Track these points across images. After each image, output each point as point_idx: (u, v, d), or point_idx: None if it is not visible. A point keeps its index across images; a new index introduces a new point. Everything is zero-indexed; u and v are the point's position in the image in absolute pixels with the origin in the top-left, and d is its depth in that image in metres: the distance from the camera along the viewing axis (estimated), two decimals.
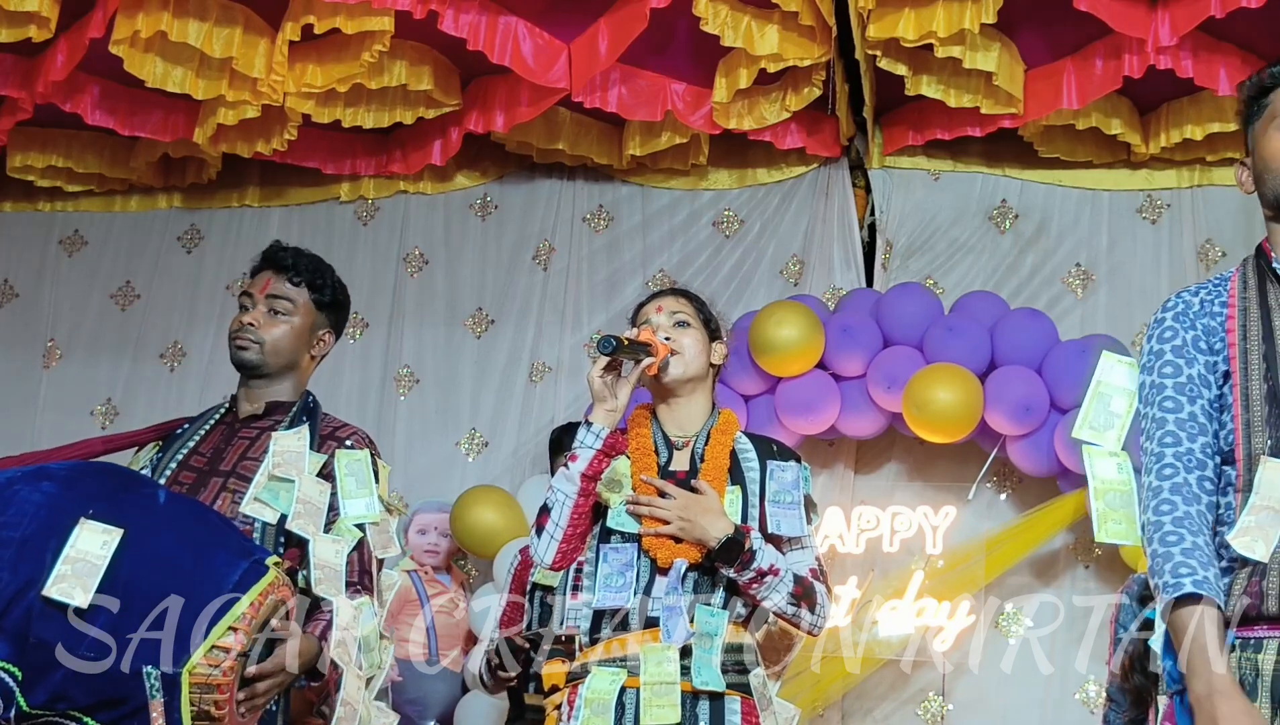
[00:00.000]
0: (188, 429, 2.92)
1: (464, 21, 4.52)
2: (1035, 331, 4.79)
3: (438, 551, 5.02)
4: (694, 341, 2.77)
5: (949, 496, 5.03)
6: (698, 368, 2.77)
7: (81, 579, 2.19)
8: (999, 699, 4.94)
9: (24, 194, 5.94)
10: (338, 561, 2.72)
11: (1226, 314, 2.17)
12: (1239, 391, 2.10)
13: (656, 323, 2.78)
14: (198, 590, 2.26)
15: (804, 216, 5.49)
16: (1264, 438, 2.05)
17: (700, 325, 2.81)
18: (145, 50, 4.57)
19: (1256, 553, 1.99)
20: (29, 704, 2.18)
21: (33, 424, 5.78)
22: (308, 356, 2.97)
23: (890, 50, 4.66)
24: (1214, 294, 2.22)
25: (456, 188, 5.79)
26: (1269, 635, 1.99)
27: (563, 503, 2.65)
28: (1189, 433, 2.13)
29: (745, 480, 2.72)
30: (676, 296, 2.86)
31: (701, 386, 2.80)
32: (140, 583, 2.24)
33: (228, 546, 2.37)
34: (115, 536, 2.24)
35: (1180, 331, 2.19)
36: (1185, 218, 5.28)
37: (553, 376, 5.52)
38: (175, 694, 2.20)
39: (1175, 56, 4.46)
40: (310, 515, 2.73)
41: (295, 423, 2.86)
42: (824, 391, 4.84)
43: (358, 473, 2.84)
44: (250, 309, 2.91)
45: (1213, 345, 2.16)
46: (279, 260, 2.95)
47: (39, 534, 2.23)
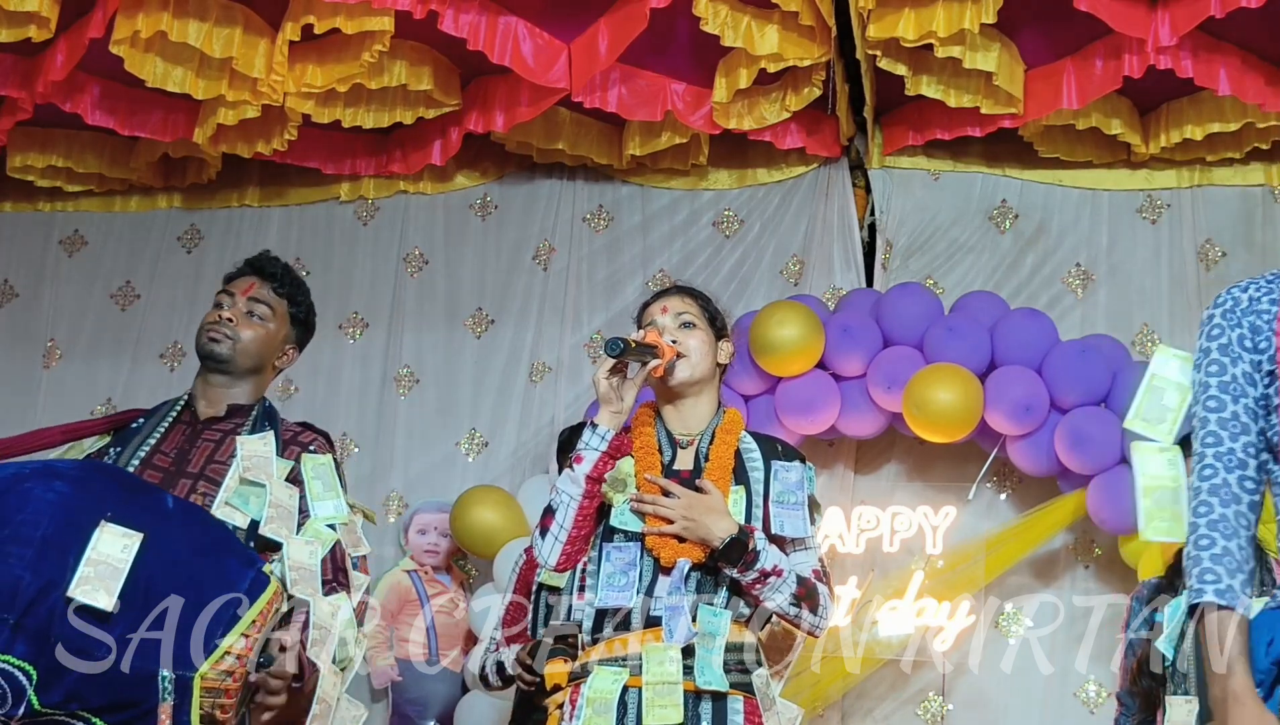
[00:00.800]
0: (144, 424, 2.92)
1: (464, 21, 4.52)
2: (1035, 331, 4.79)
3: (438, 551, 5.02)
4: (700, 342, 2.75)
5: (949, 496, 5.03)
6: (704, 369, 2.75)
7: (105, 582, 2.21)
8: (999, 699, 4.94)
9: (24, 194, 5.94)
10: (312, 563, 2.75)
11: (1275, 312, 2.15)
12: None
13: (662, 324, 2.76)
14: (214, 597, 2.29)
15: (804, 216, 5.49)
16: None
17: (706, 325, 2.79)
18: (145, 50, 4.57)
19: None
20: (42, 703, 2.19)
21: (33, 424, 5.74)
22: (272, 365, 3.00)
23: (890, 50, 4.66)
24: (1264, 291, 2.19)
25: (456, 188, 5.79)
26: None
27: (567, 504, 2.65)
28: (1231, 432, 2.13)
29: (749, 480, 2.71)
30: (682, 295, 2.84)
31: (708, 386, 2.78)
32: (160, 588, 2.26)
33: (235, 553, 2.41)
34: (136, 541, 2.26)
35: (1226, 329, 2.18)
36: (1185, 218, 5.28)
37: (553, 376, 5.52)
38: (186, 698, 2.23)
39: (1175, 56, 4.46)
40: (283, 519, 2.76)
41: (258, 427, 2.88)
42: (824, 391, 4.84)
43: (323, 476, 2.87)
44: (228, 306, 2.93)
45: (1258, 343, 2.15)
46: (267, 268, 2.99)
47: (59, 534, 2.24)
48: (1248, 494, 2.11)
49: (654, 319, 2.78)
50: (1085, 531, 4.94)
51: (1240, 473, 2.11)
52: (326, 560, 2.79)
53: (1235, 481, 2.11)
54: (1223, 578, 2.02)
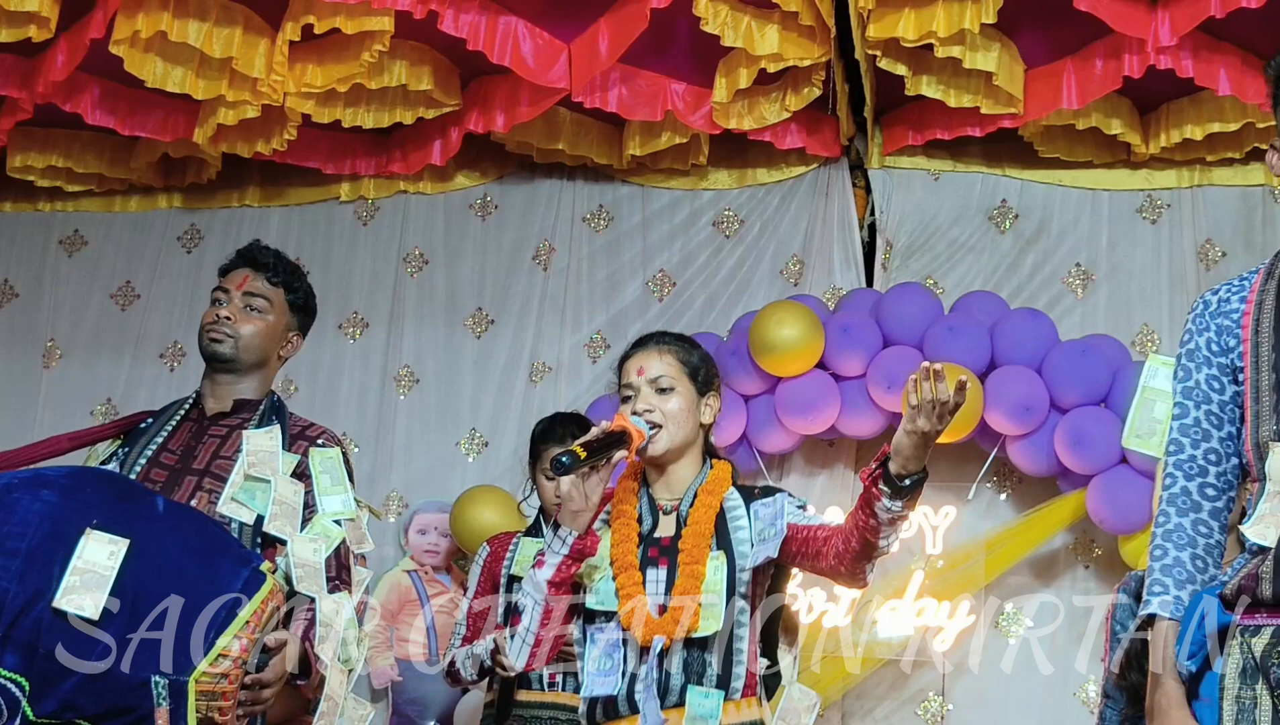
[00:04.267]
0: (152, 424, 2.92)
1: (464, 21, 4.52)
2: (1035, 331, 4.79)
3: (438, 551, 5.02)
4: (679, 407, 2.54)
5: (949, 496, 5.03)
6: (683, 437, 2.55)
7: (91, 590, 2.21)
8: (999, 699, 4.94)
9: (24, 194, 5.94)
10: (316, 560, 2.75)
11: (1244, 310, 2.17)
12: (1249, 384, 2.12)
13: (637, 386, 2.56)
14: (205, 599, 2.28)
15: (804, 216, 5.49)
16: (1271, 425, 2.07)
17: (687, 382, 2.58)
18: (145, 50, 4.57)
19: (1268, 539, 2.01)
20: (36, 713, 2.19)
21: (33, 424, 5.77)
22: (276, 356, 2.99)
23: (890, 50, 4.66)
24: (1235, 290, 2.22)
25: (456, 188, 5.79)
26: (1266, 623, 2.02)
27: (532, 608, 2.50)
28: (1192, 438, 2.16)
29: (731, 543, 2.51)
30: (660, 350, 2.60)
31: (691, 450, 2.58)
32: (148, 593, 2.26)
33: (228, 554, 2.40)
34: (122, 547, 2.26)
35: (1194, 335, 2.22)
36: (1185, 218, 5.28)
37: (553, 376, 5.52)
38: (182, 701, 2.23)
39: (1175, 56, 4.47)
40: (287, 516, 2.75)
41: (265, 421, 2.87)
42: (824, 391, 4.84)
43: (331, 470, 2.86)
44: (225, 303, 2.92)
45: (1226, 343, 2.18)
46: (258, 259, 2.96)
47: (45, 544, 2.24)
48: (1209, 501, 2.13)
49: (630, 379, 2.58)
50: (1085, 531, 4.94)
51: (1200, 480, 2.14)
52: (331, 558, 2.79)
53: (1195, 488, 2.13)
54: (1169, 589, 2.07)
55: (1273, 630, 1.99)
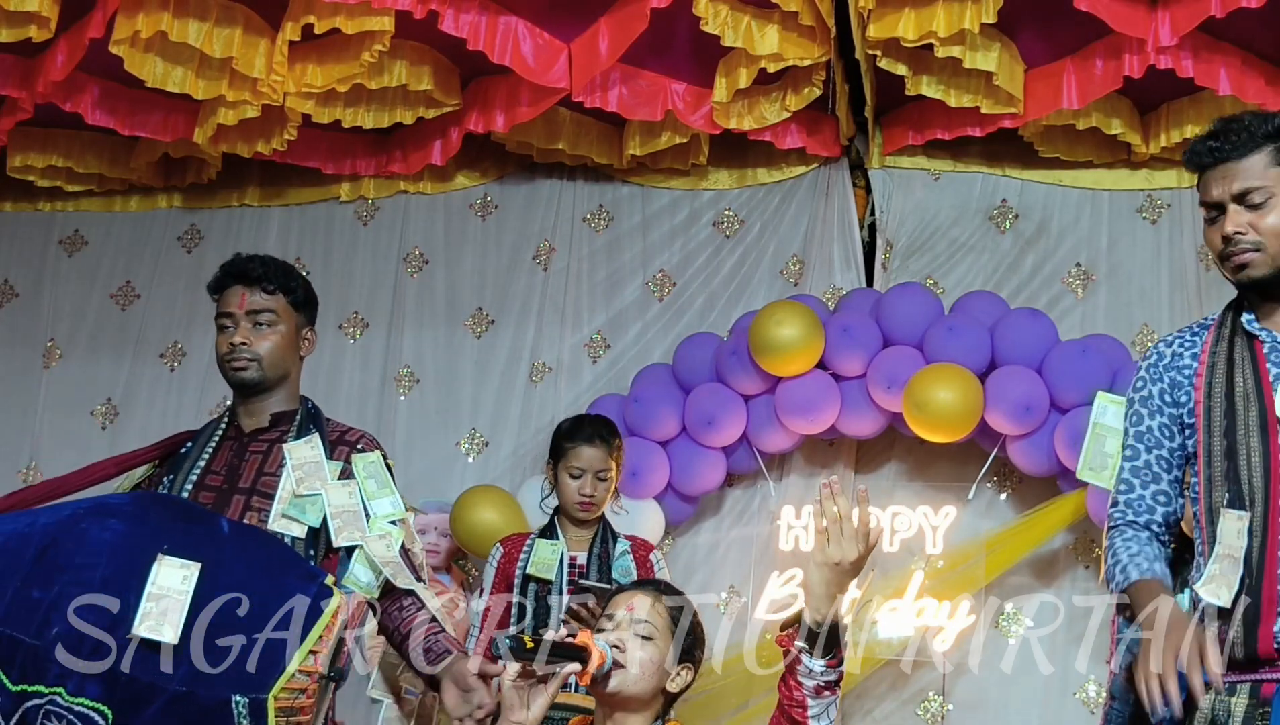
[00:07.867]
0: (192, 447, 2.88)
1: (464, 21, 4.52)
2: (1035, 331, 4.79)
3: (438, 551, 5.02)
4: (649, 660, 2.34)
5: (949, 496, 5.03)
6: (640, 689, 2.34)
7: (168, 615, 2.23)
8: (999, 699, 4.94)
9: (24, 194, 5.94)
10: (393, 554, 2.73)
11: (1196, 368, 2.35)
12: (1202, 448, 2.30)
13: (619, 619, 2.38)
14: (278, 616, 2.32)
15: (804, 216, 5.49)
16: (1222, 492, 2.25)
17: (666, 641, 2.38)
18: (145, 50, 4.57)
19: (1220, 599, 2.19)
20: None
21: (33, 424, 5.78)
22: (298, 359, 2.96)
23: (890, 50, 4.66)
24: (1187, 346, 2.40)
25: (456, 188, 5.79)
26: (1240, 680, 2.16)
27: None
28: (1142, 479, 2.38)
29: None
30: (656, 599, 2.43)
31: (647, 708, 2.37)
32: (222, 614, 2.28)
33: (295, 570, 2.42)
34: (194, 570, 2.28)
35: (1149, 383, 2.41)
36: (1185, 218, 5.27)
37: (553, 376, 5.52)
38: (262, 720, 2.24)
39: (1175, 56, 4.47)
40: (352, 523, 2.73)
41: (303, 431, 2.85)
42: (824, 391, 4.84)
43: (376, 474, 2.84)
44: (234, 329, 2.86)
45: (1177, 398, 2.37)
46: (249, 272, 2.90)
47: (119, 574, 2.27)
48: (1156, 539, 2.37)
49: (616, 610, 2.41)
50: (1085, 531, 4.94)
51: (1148, 517, 2.37)
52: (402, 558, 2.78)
53: (1143, 524, 2.37)
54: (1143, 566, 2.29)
55: (1249, 689, 2.14)
